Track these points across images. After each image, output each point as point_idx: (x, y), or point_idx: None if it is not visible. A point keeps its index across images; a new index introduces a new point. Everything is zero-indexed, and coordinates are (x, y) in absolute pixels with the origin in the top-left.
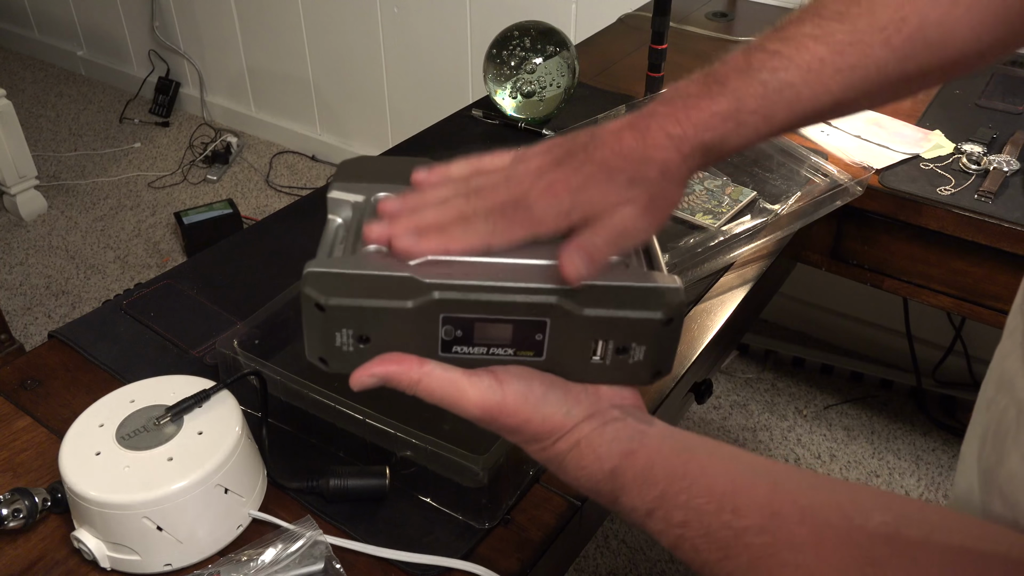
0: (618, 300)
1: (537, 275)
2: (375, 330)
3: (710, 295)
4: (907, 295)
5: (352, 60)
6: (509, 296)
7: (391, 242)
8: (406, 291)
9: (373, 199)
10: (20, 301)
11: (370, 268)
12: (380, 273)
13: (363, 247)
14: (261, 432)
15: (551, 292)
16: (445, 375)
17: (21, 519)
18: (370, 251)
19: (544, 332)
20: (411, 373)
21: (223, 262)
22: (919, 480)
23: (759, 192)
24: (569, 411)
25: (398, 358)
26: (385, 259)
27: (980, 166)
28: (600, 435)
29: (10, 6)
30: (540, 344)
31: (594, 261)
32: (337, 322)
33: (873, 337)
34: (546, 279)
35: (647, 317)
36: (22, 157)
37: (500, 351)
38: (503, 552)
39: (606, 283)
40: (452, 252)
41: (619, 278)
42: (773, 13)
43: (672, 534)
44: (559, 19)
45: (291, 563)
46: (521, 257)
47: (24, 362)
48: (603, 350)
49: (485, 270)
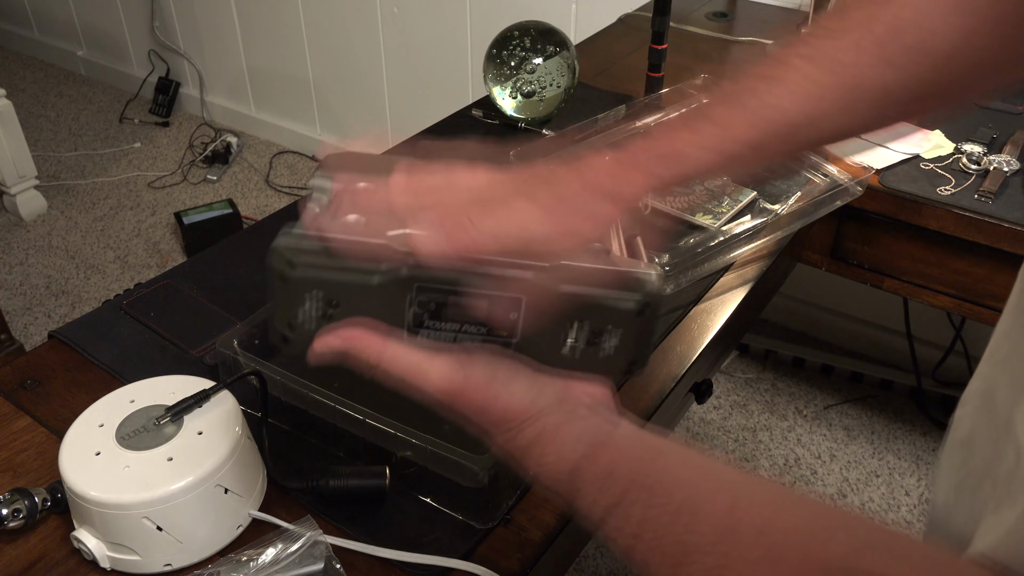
0: (595, 282)
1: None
2: (342, 302)
3: (710, 295)
4: (907, 295)
5: (352, 60)
6: (486, 269)
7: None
8: (378, 261)
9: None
10: (20, 301)
11: (344, 236)
12: (353, 239)
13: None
14: (261, 432)
15: (528, 268)
16: (407, 354)
17: (21, 519)
18: (347, 219)
19: (519, 310)
20: (371, 349)
21: (223, 262)
22: (919, 480)
23: (759, 192)
24: (535, 399)
25: (360, 333)
26: (362, 226)
27: (980, 166)
28: (564, 431)
29: (10, 6)
30: (514, 324)
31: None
32: (302, 294)
33: (873, 337)
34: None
35: (623, 300)
36: (22, 157)
37: (472, 329)
38: (503, 552)
39: (582, 264)
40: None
41: (597, 261)
42: (773, 13)
43: (624, 542)
44: (559, 19)
45: (291, 563)
46: None
47: (24, 362)
48: (577, 333)
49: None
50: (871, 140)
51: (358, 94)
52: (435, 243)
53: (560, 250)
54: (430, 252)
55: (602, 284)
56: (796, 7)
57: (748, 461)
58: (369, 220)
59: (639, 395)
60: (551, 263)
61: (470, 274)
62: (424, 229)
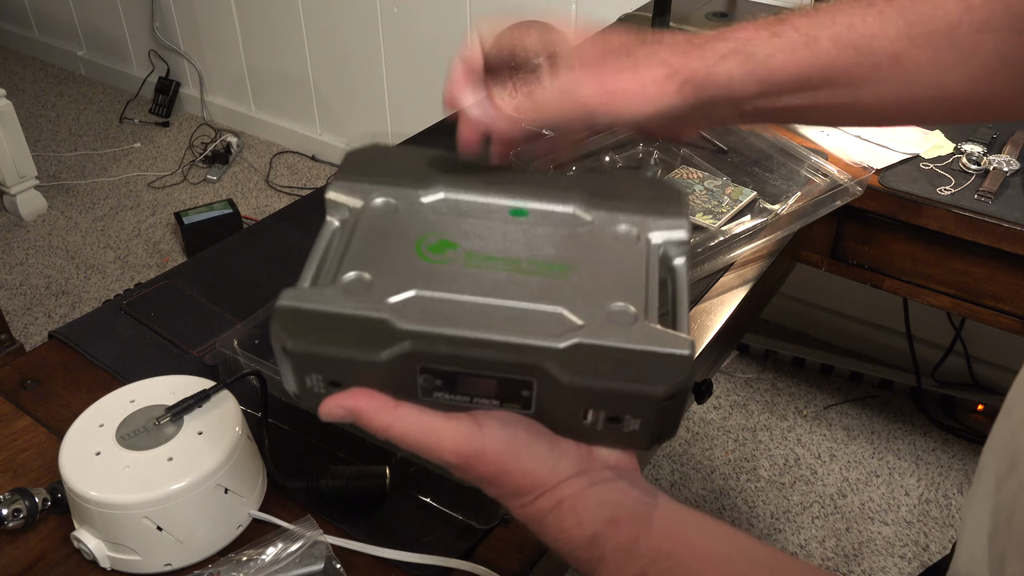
0: (610, 367)
1: (525, 323)
2: (345, 377)
3: (710, 295)
4: (907, 295)
5: (352, 60)
6: (490, 353)
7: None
8: (379, 338)
9: (371, 205)
10: (20, 301)
11: (343, 307)
12: (352, 314)
13: (344, 275)
14: (261, 432)
15: (535, 352)
16: (419, 419)
17: (21, 519)
18: (350, 279)
19: (531, 389)
20: (383, 415)
21: (223, 262)
22: (919, 480)
23: (759, 192)
24: (555, 466)
25: (369, 399)
26: (365, 290)
27: (980, 166)
28: (585, 498)
29: (10, 6)
30: (528, 399)
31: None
32: (305, 367)
33: (873, 337)
34: (533, 330)
35: (643, 391)
36: (22, 157)
37: (485, 401)
38: (503, 552)
39: (599, 342)
40: None
41: (618, 337)
42: (773, 13)
43: None
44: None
45: (291, 563)
46: (509, 297)
47: (24, 362)
48: (594, 417)
49: (469, 313)
50: (871, 140)
51: (358, 94)
52: (511, 104)
53: (615, 119)
54: (507, 113)
55: (618, 369)
56: (796, 7)
57: (748, 461)
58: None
59: None
60: (561, 347)
61: (476, 353)
62: (501, 93)
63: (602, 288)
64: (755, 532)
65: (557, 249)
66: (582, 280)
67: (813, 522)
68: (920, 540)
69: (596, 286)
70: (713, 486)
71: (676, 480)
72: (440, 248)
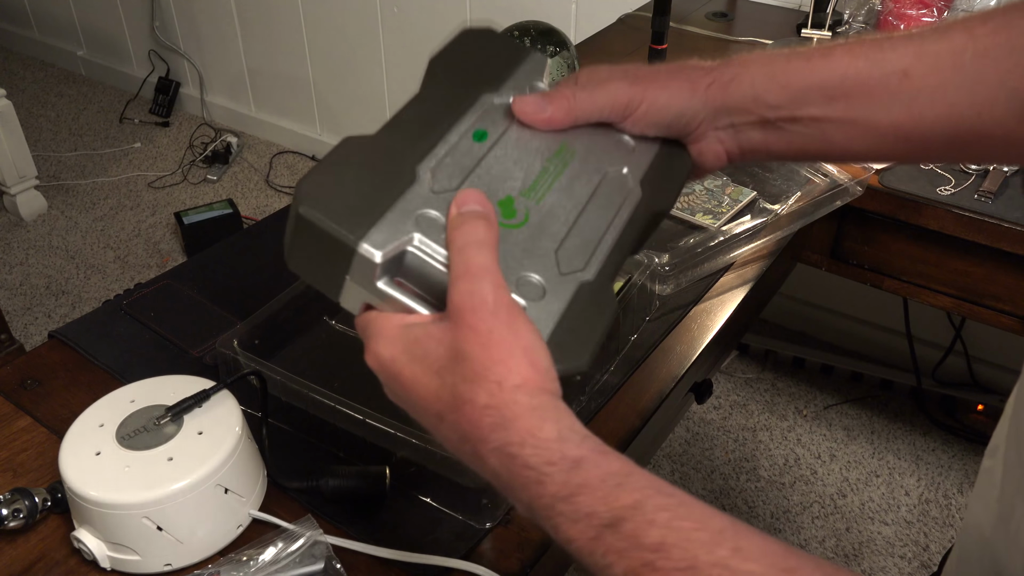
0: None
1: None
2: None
3: (710, 295)
4: (907, 295)
5: (352, 60)
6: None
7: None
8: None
9: (495, 102)
10: (20, 301)
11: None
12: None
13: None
14: (261, 432)
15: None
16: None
17: (21, 519)
18: (432, 216)
19: None
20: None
21: (223, 262)
22: (919, 480)
23: (759, 192)
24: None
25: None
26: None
27: (980, 166)
28: (565, 412)
29: (10, 6)
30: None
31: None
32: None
33: (873, 337)
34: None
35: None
36: (22, 157)
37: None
38: (503, 552)
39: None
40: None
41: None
42: (773, 13)
43: (636, 558)
44: (559, 19)
45: (291, 563)
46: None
47: (24, 362)
48: None
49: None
50: None
51: (358, 94)
52: (538, 105)
53: (644, 114)
54: (528, 112)
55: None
56: (796, 7)
57: (748, 461)
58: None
59: (639, 395)
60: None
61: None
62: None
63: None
64: None
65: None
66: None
67: (813, 522)
68: (920, 540)
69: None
70: (713, 486)
71: (676, 480)
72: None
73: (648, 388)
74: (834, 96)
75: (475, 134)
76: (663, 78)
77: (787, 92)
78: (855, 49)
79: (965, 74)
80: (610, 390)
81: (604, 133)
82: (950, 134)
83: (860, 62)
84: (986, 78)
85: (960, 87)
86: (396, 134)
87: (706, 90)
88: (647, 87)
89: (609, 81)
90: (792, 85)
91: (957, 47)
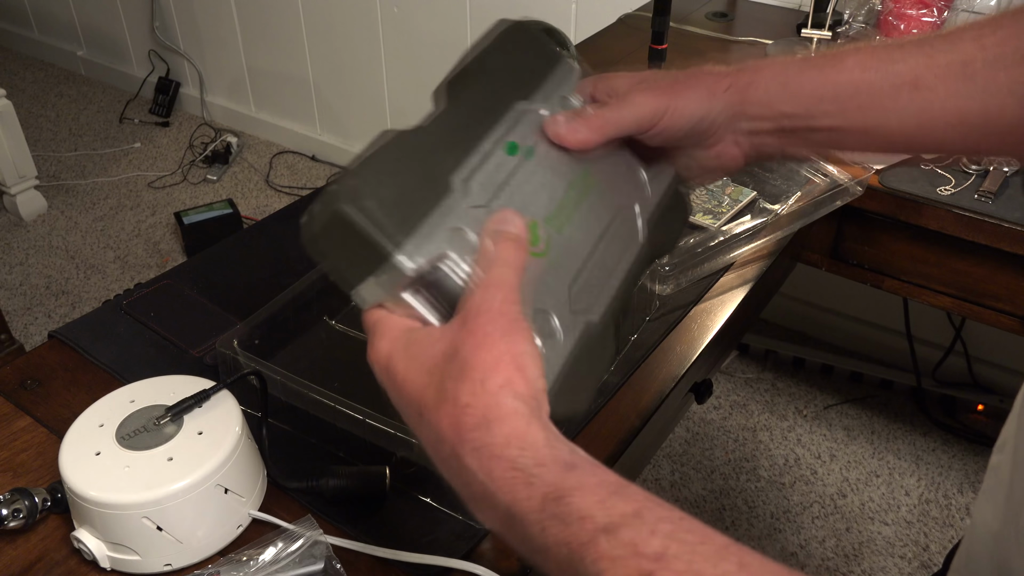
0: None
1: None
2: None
3: (710, 295)
4: (907, 295)
5: (352, 60)
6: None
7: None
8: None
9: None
10: (20, 301)
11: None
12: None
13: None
14: (261, 432)
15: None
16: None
17: (21, 519)
18: (465, 237)
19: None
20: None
21: (223, 262)
22: (919, 480)
23: (759, 192)
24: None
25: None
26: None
27: (980, 166)
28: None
29: (10, 6)
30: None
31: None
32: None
33: (873, 337)
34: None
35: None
36: (22, 157)
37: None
38: (503, 552)
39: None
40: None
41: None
42: (773, 13)
43: (633, 567)
44: (559, 19)
45: (291, 563)
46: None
47: (24, 362)
48: None
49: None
50: None
51: (358, 94)
52: (570, 127)
53: (667, 125)
54: (561, 135)
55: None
56: (796, 7)
57: (748, 461)
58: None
59: (639, 395)
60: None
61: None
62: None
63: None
64: (755, 532)
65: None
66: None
67: (813, 522)
68: (920, 540)
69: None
70: (713, 486)
71: (676, 480)
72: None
73: (648, 388)
74: (847, 108)
75: (507, 146)
76: (682, 85)
77: (800, 102)
78: (866, 60)
79: (975, 84)
80: (610, 390)
81: (623, 160)
82: (961, 137)
83: (871, 74)
84: (996, 87)
85: (971, 96)
86: (432, 137)
87: (724, 94)
88: (670, 97)
89: (632, 94)
90: (804, 95)
91: (967, 57)
